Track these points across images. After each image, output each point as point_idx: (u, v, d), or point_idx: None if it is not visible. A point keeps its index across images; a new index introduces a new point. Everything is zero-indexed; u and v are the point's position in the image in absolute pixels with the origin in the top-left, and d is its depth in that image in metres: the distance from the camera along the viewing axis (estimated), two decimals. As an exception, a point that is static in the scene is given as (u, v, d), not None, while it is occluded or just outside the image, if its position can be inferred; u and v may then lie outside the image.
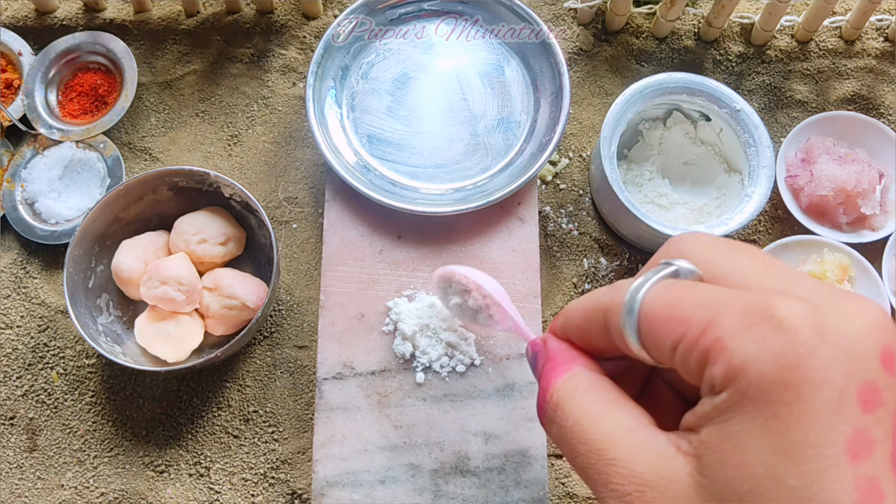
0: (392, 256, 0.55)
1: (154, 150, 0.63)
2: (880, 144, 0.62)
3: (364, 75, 0.60)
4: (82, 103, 0.63)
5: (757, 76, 0.66)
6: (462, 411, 0.51)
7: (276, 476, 0.54)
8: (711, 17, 0.64)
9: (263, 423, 0.55)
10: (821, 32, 0.67)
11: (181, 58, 0.65)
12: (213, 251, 0.55)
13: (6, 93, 0.63)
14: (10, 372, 0.57)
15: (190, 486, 0.54)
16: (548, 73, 0.59)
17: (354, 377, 0.52)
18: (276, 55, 0.65)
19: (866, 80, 0.66)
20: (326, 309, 0.53)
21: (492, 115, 0.59)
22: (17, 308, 0.58)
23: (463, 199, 0.56)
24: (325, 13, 0.67)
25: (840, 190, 0.59)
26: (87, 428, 0.56)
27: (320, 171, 0.62)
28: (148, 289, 0.53)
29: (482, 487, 0.49)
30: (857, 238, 0.60)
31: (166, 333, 0.53)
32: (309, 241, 0.60)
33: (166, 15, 0.66)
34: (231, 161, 0.62)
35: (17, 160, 0.61)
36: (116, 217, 0.55)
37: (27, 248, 0.60)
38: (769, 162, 0.57)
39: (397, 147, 0.58)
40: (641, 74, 0.65)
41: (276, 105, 0.64)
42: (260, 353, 0.57)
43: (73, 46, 0.63)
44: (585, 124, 0.64)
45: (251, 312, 0.54)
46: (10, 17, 0.65)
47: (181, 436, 0.55)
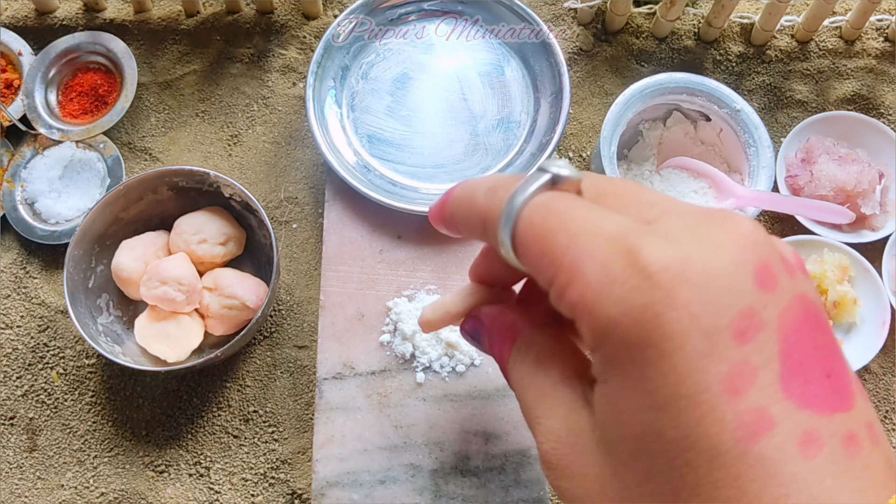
0: (392, 256, 0.55)
1: (154, 150, 0.63)
2: (880, 144, 0.62)
3: (364, 75, 0.60)
4: (82, 103, 0.63)
5: (757, 76, 0.66)
6: (462, 411, 0.51)
7: (276, 476, 0.54)
8: (711, 17, 0.64)
9: (263, 423, 0.55)
10: (821, 32, 0.67)
11: (181, 58, 0.65)
12: (213, 251, 0.55)
13: (6, 93, 0.63)
14: (10, 372, 0.57)
15: (190, 486, 0.54)
16: (548, 73, 0.59)
17: (354, 377, 0.52)
18: (276, 55, 0.65)
19: (866, 80, 0.66)
20: (326, 309, 0.53)
21: (492, 115, 0.59)
22: (17, 308, 0.58)
23: (463, 199, 0.56)
24: (325, 13, 0.67)
25: (840, 190, 0.59)
26: (87, 428, 0.56)
27: (320, 171, 0.62)
28: (148, 289, 0.53)
29: (482, 487, 0.49)
30: (857, 238, 0.60)
31: (166, 333, 0.53)
32: (309, 241, 0.60)
33: (166, 15, 0.66)
34: (231, 161, 0.62)
35: (17, 160, 0.61)
36: (116, 217, 0.55)
37: (27, 248, 0.60)
38: (769, 162, 0.57)
39: (397, 147, 0.58)
40: (641, 74, 0.65)
41: (276, 105, 0.64)
42: (260, 353, 0.57)
43: (73, 46, 0.63)
44: (585, 124, 0.64)
45: (251, 312, 0.54)
46: (10, 17, 0.65)
47: (181, 436, 0.55)
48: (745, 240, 0.24)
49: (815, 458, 0.22)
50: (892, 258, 0.59)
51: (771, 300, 0.24)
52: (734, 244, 0.24)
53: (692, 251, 0.24)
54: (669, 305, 0.23)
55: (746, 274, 0.24)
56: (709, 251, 0.24)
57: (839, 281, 0.57)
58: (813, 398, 0.23)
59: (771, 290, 0.24)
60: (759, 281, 0.24)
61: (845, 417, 0.23)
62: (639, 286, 0.23)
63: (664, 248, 0.24)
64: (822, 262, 0.58)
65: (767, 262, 0.24)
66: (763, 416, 0.23)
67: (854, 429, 0.23)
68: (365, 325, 0.53)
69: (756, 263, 0.24)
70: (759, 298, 0.24)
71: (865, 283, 0.58)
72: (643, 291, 0.23)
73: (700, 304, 0.23)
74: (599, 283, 0.24)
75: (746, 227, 0.25)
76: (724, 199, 0.58)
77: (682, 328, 0.23)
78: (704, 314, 0.23)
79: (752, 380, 0.23)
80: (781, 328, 0.24)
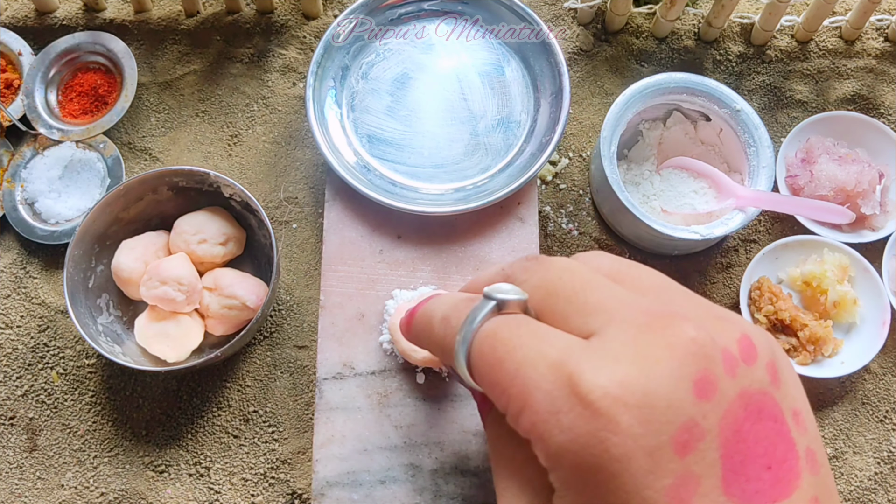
0: (392, 256, 0.55)
1: (154, 150, 0.63)
2: (880, 144, 0.62)
3: (364, 75, 0.60)
4: (82, 103, 0.63)
5: (757, 76, 0.66)
6: (462, 411, 0.51)
7: (276, 476, 0.54)
8: (711, 17, 0.64)
9: (263, 423, 0.55)
10: (821, 32, 0.67)
11: (181, 58, 0.65)
12: (213, 251, 0.55)
13: (6, 93, 0.63)
14: (10, 372, 0.57)
15: (190, 486, 0.54)
16: (548, 73, 0.59)
17: (354, 377, 0.52)
18: (276, 55, 0.65)
19: (866, 80, 0.66)
20: (326, 309, 0.53)
21: (492, 115, 0.59)
22: (17, 308, 0.58)
23: (463, 199, 0.56)
24: (325, 13, 0.67)
25: (840, 190, 0.59)
26: (87, 428, 0.56)
27: (320, 171, 0.62)
28: (148, 289, 0.53)
29: (482, 487, 0.49)
30: (857, 238, 0.60)
31: (166, 333, 0.53)
32: (309, 241, 0.60)
33: (166, 15, 0.66)
34: (231, 161, 0.62)
35: (17, 160, 0.61)
36: (116, 217, 0.55)
37: (27, 248, 0.60)
38: (769, 162, 0.57)
39: (397, 147, 0.58)
40: (641, 74, 0.65)
41: (276, 105, 0.64)
42: (260, 353, 0.57)
43: (73, 46, 0.63)
44: (585, 124, 0.64)
45: (251, 312, 0.54)
46: (10, 17, 0.65)
47: (181, 436, 0.55)
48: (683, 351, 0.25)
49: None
50: (892, 258, 0.59)
51: (711, 408, 0.25)
52: (672, 358, 0.25)
53: (630, 371, 0.25)
54: (612, 431, 0.24)
55: (685, 388, 0.25)
56: (647, 368, 0.25)
57: (839, 281, 0.57)
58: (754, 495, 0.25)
59: (710, 398, 0.25)
60: (698, 392, 0.25)
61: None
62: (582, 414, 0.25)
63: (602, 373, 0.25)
64: (822, 262, 0.58)
65: (706, 372, 0.25)
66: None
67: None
68: (365, 325, 0.53)
69: (695, 375, 0.25)
70: (699, 409, 0.25)
71: (865, 283, 0.58)
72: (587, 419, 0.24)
73: (640, 426, 0.24)
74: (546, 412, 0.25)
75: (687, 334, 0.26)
76: (724, 199, 0.58)
77: (626, 451, 0.24)
78: (645, 434, 0.24)
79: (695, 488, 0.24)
80: (722, 433, 0.25)
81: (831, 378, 0.57)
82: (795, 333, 0.56)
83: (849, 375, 0.58)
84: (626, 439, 0.24)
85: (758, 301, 0.58)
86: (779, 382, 0.27)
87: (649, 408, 0.24)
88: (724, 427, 0.25)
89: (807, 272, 0.58)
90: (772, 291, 0.57)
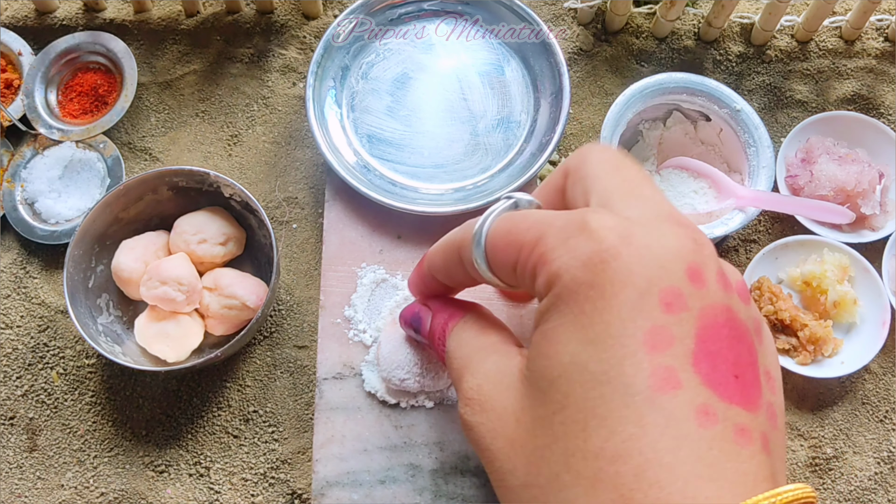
0: (392, 256, 0.55)
1: (154, 150, 0.63)
2: (880, 144, 0.62)
3: (364, 75, 0.60)
4: (82, 103, 0.63)
5: (757, 76, 0.66)
6: (462, 411, 0.51)
7: (276, 476, 0.54)
8: (711, 17, 0.64)
9: (263, 423, 0.55)
10: (821, 32, 0.67)
11: (181, 58, 0.65)
12: (213, 251, 0.55)
13: (6, 93, 0.63)
14: (10, 372, 0.57)
15: (190, 486, 0.54)
16: (548, 73, 0.59)
17: (354, 377, 0.52)
18: (276, 55, 0.65)
19: (866, 80, 0.66)
20: (326, 309, 0.53)
21: (492, 115, 0.59)
22: (17, 308, 0.58)
23: (463, 199, 0.56)
24: (325, 13, 0.67)
25: (840, 190, 0.59)
26: (87, 428, 0.56)
27: (320, 171, 0.62)
28: (148, 289, 0.53)
29: (482, 487, 0.49)
30: (857, 238, 0.60)
31: (166, 333, 0.53)
32: (309, 241, 0.60)
33: (166, 15, 0.66)
34: (231, 161, 0.63)
35: (17, 160, 0.61)
36: (116, 217, 0.56)
37: (27, 248, 0.60)
38: (769, 162, 0.57)
39: (397, 147, 0.58)
40: (641, 74, 0.65)
41: (276, 105, 0.64)
42: (260, 353, 0.57)
43: (73, 46, 0.63)
44: (585, 124, 0.65)
45: (251, 312, 0.54)
46: (10, 17, 0.65)
47: (181, 436, 0.55)
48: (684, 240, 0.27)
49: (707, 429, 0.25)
50: (892, 258, 0.59)
51: (697, 294, 0.27)
52: (676, 238, 0.27)
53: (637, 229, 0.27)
54: (615, 256, 0.26)
55: (679, 264, 0.27)
56: (652, 235, 0.27)
57: (839, 281, 0.57)
58: (717, 384, 0.26)
59: (699, 287, 0.27)
60: (690, 274, 0.27)
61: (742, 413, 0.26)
62: (589, 239, 0.27)
63: (612, 219, 0.28)
64: (823, 262, 0.58)
65: (700, 266, 0.27)
66: (672, 376, 0.25)
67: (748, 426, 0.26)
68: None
69: (690, 261, 0.27)
70: (687, 287, 0.27)
71: (865, 283, 0.58)
72: (593, 244, 0.27)
73: (638, 265, 0.26)
74: (557, 239, 0.28)
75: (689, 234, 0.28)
76: (724, 199, 0.58)
77: (622, 278, 0.26)
78: (640, 275, 0.26)
79: (669, 344, 0.26)
80: (701, 319, 0.26)
81: (831, 378, 0.57)
82: (795, 333, 0.56)
83: (849, 375, 0.58)
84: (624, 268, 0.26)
85: (758, 301, 0.58)
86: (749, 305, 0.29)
87: (648, 257, 0.26)
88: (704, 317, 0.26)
89: (807, 272, 0.58)
90: (772, 291, 0.57)
